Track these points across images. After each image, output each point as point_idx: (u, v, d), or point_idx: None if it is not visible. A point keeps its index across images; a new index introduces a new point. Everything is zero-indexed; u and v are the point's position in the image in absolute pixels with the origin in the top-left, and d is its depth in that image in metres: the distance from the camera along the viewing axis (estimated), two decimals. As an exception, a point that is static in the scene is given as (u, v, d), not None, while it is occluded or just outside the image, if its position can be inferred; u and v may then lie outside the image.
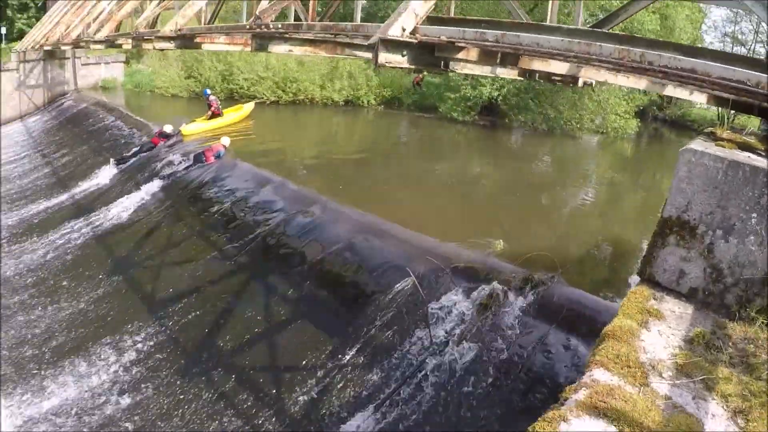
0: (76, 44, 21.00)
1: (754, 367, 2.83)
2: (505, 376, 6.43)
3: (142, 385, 8.13)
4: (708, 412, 2.53)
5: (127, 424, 7.57)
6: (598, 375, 2.60)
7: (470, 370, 6.59)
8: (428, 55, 5.82)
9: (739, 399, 2.61)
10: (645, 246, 11.21)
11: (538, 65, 6.08)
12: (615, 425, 2.27)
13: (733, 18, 36.92)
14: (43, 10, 30.46)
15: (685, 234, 3.58)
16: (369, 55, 7.58)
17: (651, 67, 4.96)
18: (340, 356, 7.46)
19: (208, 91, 21.01)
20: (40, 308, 10.49)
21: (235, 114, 21.24)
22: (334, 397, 7.01)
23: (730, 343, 3.04)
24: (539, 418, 2.28)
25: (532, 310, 7.04)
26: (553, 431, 2.16)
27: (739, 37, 35.34)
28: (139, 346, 8.86)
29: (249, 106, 22.29)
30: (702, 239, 3.54)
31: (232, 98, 26.21)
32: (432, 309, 7.30)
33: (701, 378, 2.71)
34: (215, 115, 19.78)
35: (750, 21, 35.07)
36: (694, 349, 2.96)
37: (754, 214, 3.37)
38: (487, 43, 5.32)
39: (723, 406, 2.58)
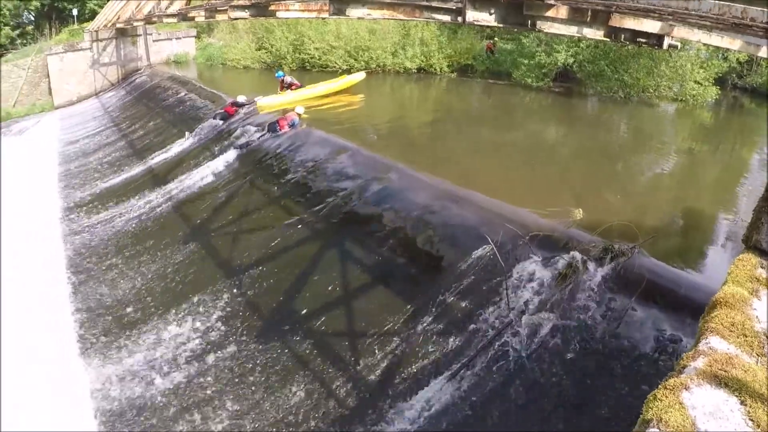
0: (148, 20, 21.53)
1: None
2: (584, 347, 6.29)
3: (220, 348, 8.44)
4: (829, 386, 2.38)
5: (207, 379, 7.94)
6: (715, 343, 2.47)
7: (548, 341, 6.46)
8: (516, 13, 5.64)
9: None
10: (725, 217, 10.76)
11: (630, 23, 5.78)
12: (736, 396, 2.17)
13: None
14: (113, -10, 31.49)
15: (795, 200, 3.35)
16: (448, 18, 7.41)
17: (754, 24, 4.66)
18: (416, 323, 7.47)
19: (282, 74, 20.50)
20: (125, 272, 10.97)
21: (333, 84, 20.52)
22: (409, 364, 7.04)
23: None
24: (660, 386, 2.20)
25: (612, 281, 6.82)
26: (675, 399, 2.07)
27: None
28: (217, 310, 9.19)
29: (354, 77, 21.40)
30: (814, 205, 3.31)
31: (303, 68, 26.39)
32: (510, 277, 7.18)
33: (819, 351, 2.56)
34: (297, 87, 19.48)
35: None
36: (809, 320, 2.78)
37: None
38: None
39: (844, 381, 2.43)
